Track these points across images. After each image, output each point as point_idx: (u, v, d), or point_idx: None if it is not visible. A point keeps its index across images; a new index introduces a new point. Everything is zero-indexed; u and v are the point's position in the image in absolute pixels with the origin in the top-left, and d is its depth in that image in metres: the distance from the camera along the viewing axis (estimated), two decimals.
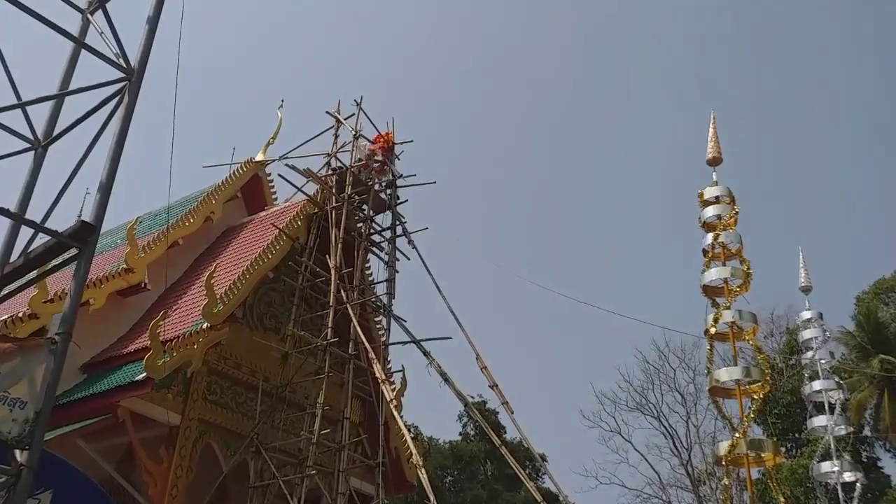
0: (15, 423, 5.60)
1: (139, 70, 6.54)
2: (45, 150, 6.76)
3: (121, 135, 6.30)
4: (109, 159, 6.28)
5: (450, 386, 13.38)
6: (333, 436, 13.34)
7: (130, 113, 6.46)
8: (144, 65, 6.58)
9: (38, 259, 6.18)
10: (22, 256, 6.25)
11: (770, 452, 15.22)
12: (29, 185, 6.63)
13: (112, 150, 6.33)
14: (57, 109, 6.90)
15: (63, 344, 5.83)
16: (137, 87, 6.51)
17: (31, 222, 6.13)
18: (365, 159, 16.43)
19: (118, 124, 6.38)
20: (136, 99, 6.51)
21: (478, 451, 39.39)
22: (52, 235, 5.97)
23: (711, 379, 15.90)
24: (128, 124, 6.42)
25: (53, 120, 6.88)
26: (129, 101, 6.42)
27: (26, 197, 6.57)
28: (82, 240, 5.96)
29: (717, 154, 18.34)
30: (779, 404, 33.22)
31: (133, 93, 6.45)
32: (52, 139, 6.80)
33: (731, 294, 16.50)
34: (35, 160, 6.77)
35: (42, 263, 6.30)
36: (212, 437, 13.34)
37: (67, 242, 5.94)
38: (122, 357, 13.98)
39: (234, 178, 17.97)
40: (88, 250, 6.04)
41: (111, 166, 6.23)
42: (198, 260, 17.01)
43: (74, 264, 6.28)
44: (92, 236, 6.02)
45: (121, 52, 6.48)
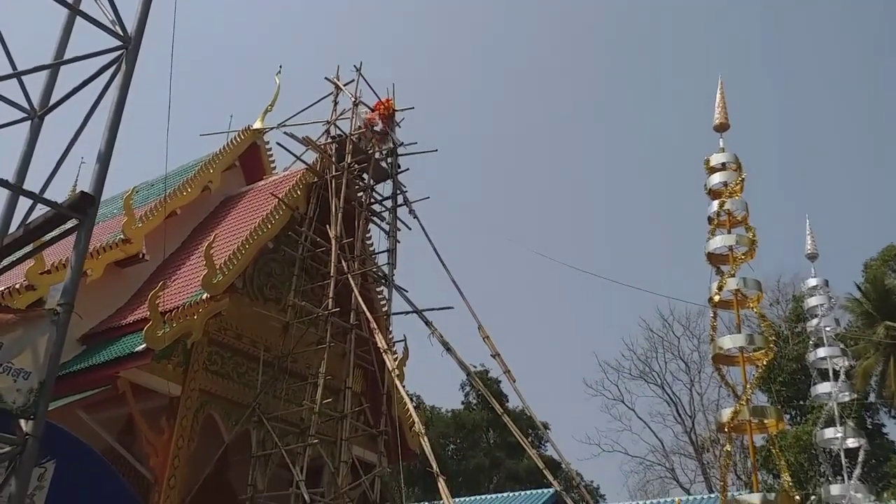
0: (19, 394, 5.61)
1: (136, 38, 6.41)
2: (41, 120, 6.66)
3: (119, 104, 6.19)
4: (108, 129, 6.17)
5: (452, 355, 13.37)
6: (335, 405, 13.34)
7: (128, 81, 6.34)
8: (141, 32, 6.45)
9: (37, 230, 6.11)
10: (21, 227, 6.17)
11: (773, 419, 15.24)
12: (26, 155, 6.54)
13: (110, 120, 6.22)
14: (53, 79, 6.78)
15: (65, 315, 5.80)
16: (135, 55, 6.38)
17: (29, 193, 6.05)
18: (364, 126, 16.24)
19: (116, 93, 6.26)
20: (134, 67, 6.39)
21: (480, 420, 39.68)
22: (52, 206, 5.89)
23: (715, 347, 15.85)
24: (125, 93, 6.31)
25: (50, 90, 6.76)
26: (126, 69, 6.30)
27: (24, 167, 6.48)
28: (82, 211, 5.89)
29: (724, 120, 18.13)
30: (783, 372, 33.30)
31: (130, 61, 6.33)
32: (48, 109, 6.69)
33: (736, 262, 16.40)
34: (32, 130, 6.67)
35: (41, 235, 6.23)
36: (213, 408, 13.34)
37: (67, 214, 5.86)
38: (121, 328, 13.95)
39: (231, 147, 17.80)
40: (88, 221, 5.97)
41: (109, 136, 6.13)
42: (196, 230, 16.91)
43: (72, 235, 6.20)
44: (92, 207, 5.95)
45: (117, 20, 6.34)
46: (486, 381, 30.83)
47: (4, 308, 6.08)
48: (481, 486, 36.52)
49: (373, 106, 16.48)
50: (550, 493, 24.39)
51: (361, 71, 16.85)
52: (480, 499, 26.72)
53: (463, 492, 30.81)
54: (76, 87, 6.45)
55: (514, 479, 36.97)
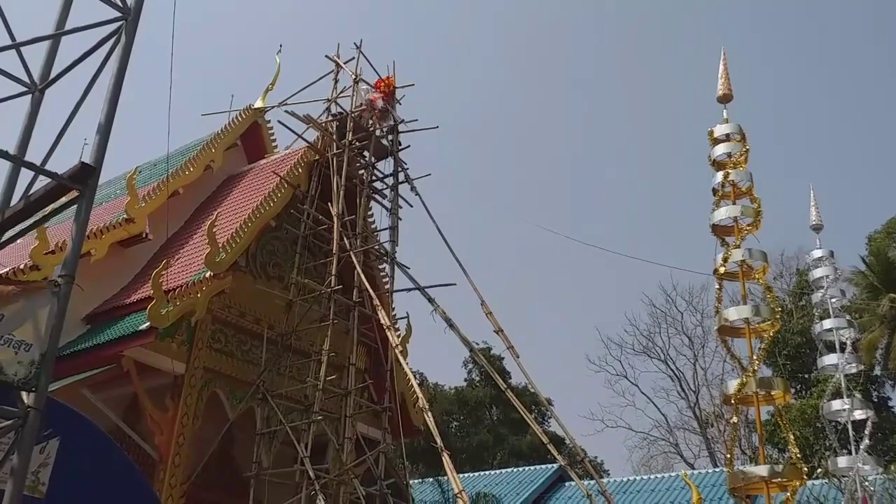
0: (21, 366, 5.60)
1: (136, 9, 6.37)
2: (42, 94, 6.63)
3: (118, 76, 6.15)
4: (107, 101, 6.14)
5: (454, 332, 13.38)
6: (339, 382, 13.39)
7: (128, 53, 6.30)
8: (140, 3, 6.40)
9: (38, 202, 6.09)
10: (22, 200, 6.16)
11: (780, 390, 15.22)
12: (27, 128, 6.51)
13: (110, 92, 6.19)
14: (53, 51, 6.74)
15: (66, 286, 5.79)
16: (134, 26, 6.34)
17: (30, 164, 6.03)
18: (365, 105, 16.19)
19: (116, 65, 6.22)
20: (133, 39, 6.35)
21: (483, 397, 39.84)
22: (52, 177, 5.87)
23: (720, 318, 15.78)
24: (125, 65, 6.27)
25: (50, 62, 6.73)
26: (125, 41, 6.26)
27: (25, 140, 6.46)
28: (82, 181, 5.86)
29: (727, 91, 17.97)
30: (788, 345, 33.25)
31: (130, 32, 6.29)
32: (48, 82, 6.66)
33: (741, 233, 16.30)
34: (32, 104, 6.64)
35: (42, 207, 6.21)
36: (217, 386, 13.40)
37: (67, 184, 5.84)
38: (125, 307, 14.00)
39: (233, 126, 17.77)
40: (89, 192, 5.95)
41: (109, 108, 6.10)
42: (199, 209, 16.92)
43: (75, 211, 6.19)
44: (92, 178, 5.92)
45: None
46: (489, 358, 30.82)
47: (4, 279, 6.06)
48: (485, 462, 36.72)
49: (373, 83, 16.41)
50: (554, 469, 24.56)
51: (362, 48, 16.79)
52: (484, 475, 26.90)
53: (467, 468, 31.01)
54: (76, 60, 6.42)
55: (517, 455, 37.17)
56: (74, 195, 6.05)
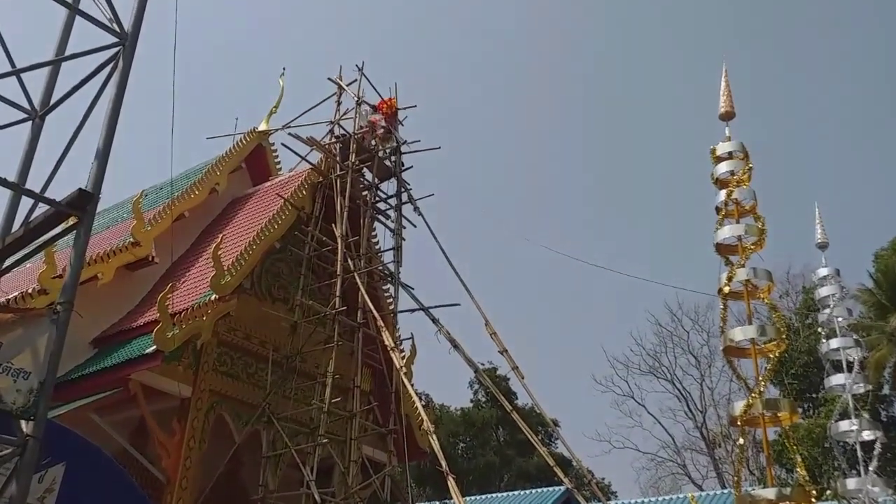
0: (19, 394, 5.60)
1: (133, 34, 6.43)
2: (42, 120, 6.68)
3: (116, 101, 6.20)
4: (106, 126, 6.19)
5: (459, 353, 13.35)
6: (344, 404, 13.35)
7: (126, 78, 6.36)
8: (138, 29, 6.46)
9: (38, 229, 6.13)
10: (22, 227, 6.19)
11: (787, 412, 15.03)
12: (28, 155, 6.57)
13: (108, 117, 6.24)
14: (53, 78, 6.81)
15: (65, 313, 5.80)
16: (132, 51, 6.39)
17: (29, 192, 6.06)
18: (367, 127, 16.28)
19: (114, 90, 6.27)
20: (131, 64, 6.40)
21: (489, 418, 39.59)
22: (51, 204, 5.91)
23: (725, 339, 15.63)
24: (123, 90, 6.32)
25: (50, 89, 6.79)
26: (123, 66, 6.32)
27: (25, 167, 6.51)
28: (81, 208, 5.89)
29: (729, 108, 17.90)
30: (795, 364, 32.93)
31: (127, 58, 6.34)
32: (49, 108, 6.71)
33: (746, 252, 16.18)
34: (33, 130, 6.70)
35: (42, 233, 6.24)
36: (223, 408, 13.38)
37: (66, 211, 5.87)
38: (131, 331, 14.02)
39: (237, 149, 17.87)
40: (87, 218, 5.98)
41: (108, 133, 6.14)
42: (204, 232, 16.98)
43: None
44: (91, 204, 5.95)
45: (114, 17, 6.35)
46: (494, 379, 30.73)
47: (4, 307, 6.08)
48: (492, 484, 36.44)
49: (376, 104, 16.52)
50: (562, 491, 24.26)
51: (363, 70, 16.93)
52: (491, 497, 26.65)
53: (473, 490, 30.77)
54: (76, 86, 6.47)
55: (524, 476, 36.86)
56: (74, 221, 6.09)
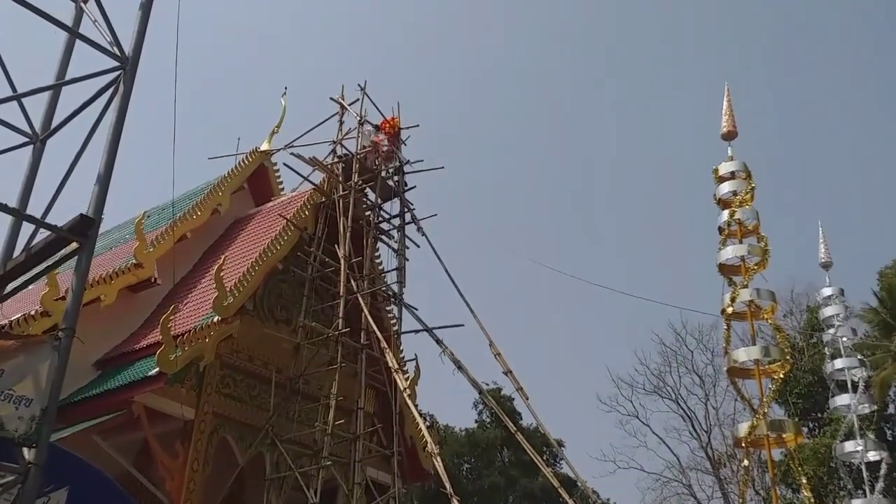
0: (21, 421, 5.56)
1: (133, 58, 6.42)
2: (43, 144, 6.68)
3: (117, 124, 6.19)
4: (107, 150, 6.17)
5: (463, 373, 13.29)
6: (348, 426, 13.28)
7: (126, 102, 6.34)
8: (139, 52, 6.46)
9: (39, 254, 6.10)
10: (23, 252, 6.17)
11: (791, 433, 14.99)
12: (29, 179, 6.56)
13: (109, 141, 6.22)
14: (54, 102, 6.80)
15: (67, 340, 5.76)
16: (132, 75, 6.39)
17: (30, 217, 6.05)
18: (370, 147, 16.29)
19: (115, 114, 6.26)
20: (132, 87, 6.39)
21: (494, 439, 39.31)
22: (52, 230, 5.88)
23: (729, 359, 15.61)
24: (124, 113, 6.31)
25: (51, 113, 6.79)
26: (124, 89, 6.31)
27: (26, 192, 6.50)
28: (82, 233, 5.87)
29: (731, 128, 17.98)
30: (799, 384, 32.75)
31: (128, 81, 6.33)
32: (49, 132, 6.71)
33: (749, 272, 16.20)
34: (34, 154, 6.69)
35: (44, 259, 6.22)
36: (227, 431, 13.30)
37: (67, 236, 5.84)
38: (134, 353, 13.96)
39: (239, 169, 17.87)
40: (89, 244, 5.95)
41: (108, 157, 6.13)
42: (206, 253, 16.94)
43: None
44: (92, 229, 5.93)
45: (115, 41, 6.35)
46: (499, 399, 30.52)
47: (5, 334, 6.04)
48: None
49: (378, 124, 16.54)
50: None
51: (366, 90, 16.97)
52: None
53: None
54: (76, 110, 6.47)
55: (529, 497, 36.54)
56: (76, 246, 6.06)
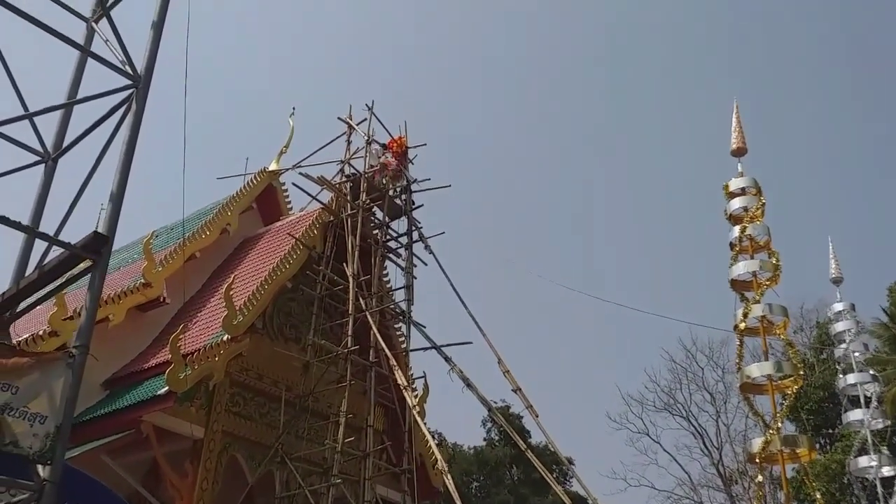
0: (36, 438, 5.57)
1: (146, 76, 6.47)
2: (55, 163, 6.73)
3: (130, 143, 6.23)
4: (119, 169, 6.21)
5: (472, 391, 13.24)
6: (358, 444, 13.24)
7: (139, 120, 6.38)
8: (151, 71, 6.51)
9: (52, 272, 6.13)
10: (36, 270, 6.20)
11: (805, 448, 14.87)
12: (41, 198, 6.60)
13: (122, 160, 6.26)
14: (66, 120, 6.85)
15: (81, 357, 5.77)
16: (145, 93, 6.43)
17: (44, 235, 6.08)
18: (378, 167, 16.38)
19: (127, 132, 6.30)
20: (144, 106, 6.44)
21: (503, 456, 39.11)
22: (65, 247, 5.91)
23: (742, 375, 15.52)
24: (137, 132, 6.35)
25: (63, 131, 6.84)
26: (136, 108, 6.35)
27: (39, 210, 6.54)
28: (95, 251, 5.89)
29: (741, 144, 17.99)
30: (811, 400, 32.50)
31: (140, 100, 6.38)
32: (61, 151, 6.76)
33: (760, 288, 16.14)
34: (46, 173, 6.74)
35: (57, 276, 6.25)
36: (236, 449, 13.28)
37: (80, 254, 5.87)
38: (143, 372, 13.96)
39: (248, 189, 17.96)
40: (102, 261, 5.98)
41: (121, 176, 6.16)
42: (216, 272, 16.99)
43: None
44: (105, 247, 5.95)
45: (127, 60, 6.41)
46: (508, 417, 30.39)
47: (20, 351, 6.06)
48: None
49: (386, 143, 16.63)
50: None
51: (373, 109, 17.08)
52: None
53: None
54: (88, 129, 6.52)
55: None
56: (89, 264, 6.09)
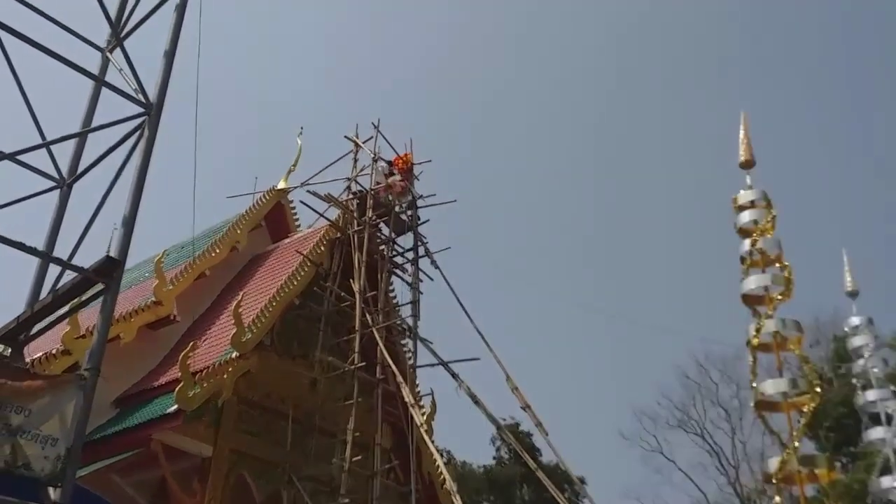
0: (47, 461, 5.64)
1: (158, 104, 6.60)
2: (70, 188, 6.84)
3: (142, 169, 6.35)
4: (132, 194, 6.32)
5: (480, 409, 13.25)
6: (365, 462, 13.24)
7: (151, 147, 6.51)
8: (163, 99, 6.64)
9: (66, 296, 6.23)
10: (50, 294, 6.29)
11: (824, 468, 14.64)
12: (55, 222, 6.71)
13: (134, 185, 6.37)
14: (80, 147, 6.98)
15: (92, 379, 5.86)
16: (157, 120, 6.56)
17: (57, 260, 6.18)
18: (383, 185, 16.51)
19: (139, 158, 6.42)
20: (156, 132, 6.56)
21: (513, 475, 38.74)
22: (78, 272, 6.01)
23: (756, 393, 15.37)
24: (149, 158, 6.47)
25: (77, 157, 6.97)
26: (149, 134, 6.48)
27: (53, 235, 6.65)
28: (108, 275, 5.99)
29: (749, 157, 17.88)
30: (830, 416, 31.34)
31: (153, 127, 6.50)
32: (76, 177, 6.88)
33: (773, 302, 15.99)
34: (61, 198, 6.86)
35: (70, 300, 6.35)
36: (244, 468, 13.30)
37: (93, 278, 5.97)
38: (153, 390, 14.03)
39: (257, 207, 18.12)
40: (114, 285, 6.07)
41: (134, 201, 6.28)
42: (225, 289, 17.10)
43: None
44: (117, 271, 6.06)
45: (139, 88, 6.54)
46: (517, 434, 30.18)
47: (32, 374, 6.14)
48: None
49: (392, 160, 16.79)
50: None
51: (379, 127, 17.25)
52: None
53: None
54: (102, 155, 6.65)
55: None
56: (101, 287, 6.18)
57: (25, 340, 6.60)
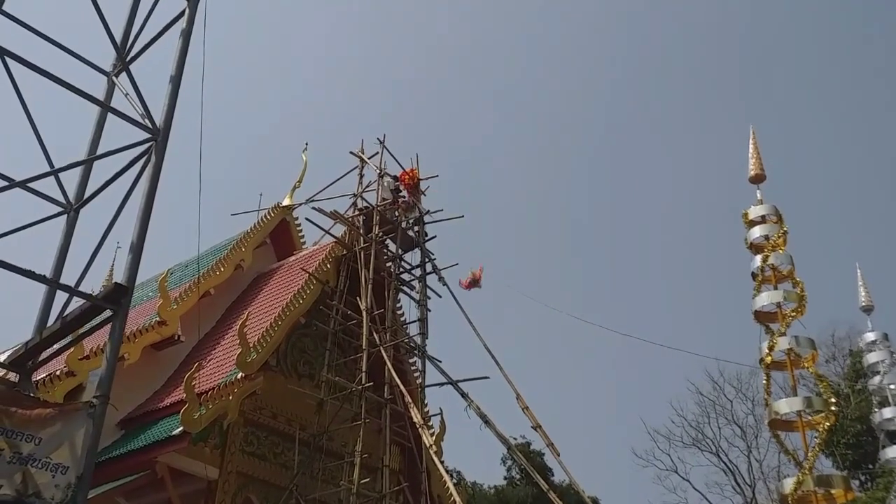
0: (58, 489, 5.61)
1: (164, 129, 6.55)
2: (76, 214, 6.78)
3: (149, 194, 6.29)
4: (139, 219, 6.26)
5: (490, 428, 13.08)
6: (373, 485, 13.07)
7: (158, 172, 6.46)
8: (169, 124, 6.60)
9: (74, 322, 6.16)
10: (59, 320, 6.22)
11: (841, 488, 14.38)
12: (62, 248, 6.66)
13: (141, 210, 6.32)
14: (87, 173, 6.92)
15: (101, 406, 5.79)
16: (163, 146, 6.52)
17: (65, 287, 6.12)
18: (390, 200, 16.40)
19: (146, 184, 6.36)
20: (163, 158, 6.50)
21: (525, 496, 38.24)
22: (87, 299, 5.94)
23: (770, 411, 15.15)
24: (156, 183, 6.42)
25: (84, 183, 6.92)
26: (155, 160, 6.42)
27: (60, 261, 6.59)
28: (116, 301, 5.93)
29: (759, 171, 17.73)
30: (847, 433, 30.97)
31: (159, 152, 6.46)
32: (83, 202, 6.82)
33: (786, 319, 15.79)
34: (67, 223, 6.80)
35: (78, 326, 6.27)
36: (251, 490, 13.16)
37: (102, 305, 5.88)
38: (158, 411, 13.91)
39: (262, 225, 18.02)
40: (122, 311, 6.00)
41: (141, 226, 6.21)
42: (230, 308, 16.98)
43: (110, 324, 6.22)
44: (125, 298, 5.98)
45: (146, 113, 6.48)
46: (528, 454, 29.81)
47: (42, 402, 6.07)
48: None
49: (398, 175, 16.69)
50: None
51: (385, 143, 17.18)
52: None
53: None
54: (109, 180, 6.59)
55: None
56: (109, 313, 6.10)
57: (34, 367, 6.52)
